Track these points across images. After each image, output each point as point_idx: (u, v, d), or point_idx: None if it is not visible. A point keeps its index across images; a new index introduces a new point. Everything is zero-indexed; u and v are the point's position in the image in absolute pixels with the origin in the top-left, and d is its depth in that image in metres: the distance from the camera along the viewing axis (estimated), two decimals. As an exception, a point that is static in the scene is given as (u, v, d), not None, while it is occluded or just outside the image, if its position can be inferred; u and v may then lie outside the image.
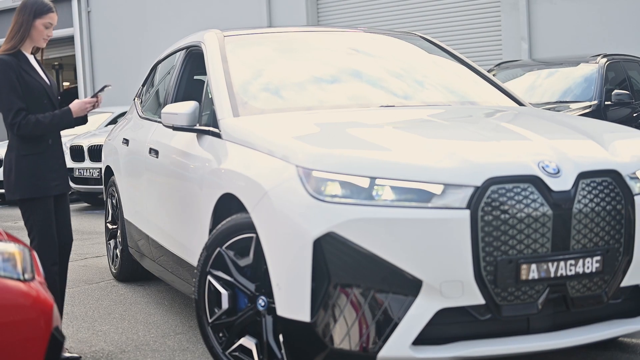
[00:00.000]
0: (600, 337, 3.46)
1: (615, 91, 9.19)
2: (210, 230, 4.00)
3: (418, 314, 3.22)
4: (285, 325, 3.39)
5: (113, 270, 6.60)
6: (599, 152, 3.56)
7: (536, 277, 3.25)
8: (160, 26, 19.05)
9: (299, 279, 3.29)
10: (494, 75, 10.37)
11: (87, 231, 9.86)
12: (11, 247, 3.22)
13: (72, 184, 12.43)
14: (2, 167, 13.44)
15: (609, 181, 3.40)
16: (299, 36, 5.38)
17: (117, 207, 6.36)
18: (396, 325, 3.22)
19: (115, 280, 6.50)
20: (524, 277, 3.23)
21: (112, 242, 6.62)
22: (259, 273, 3.59)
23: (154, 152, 5.24)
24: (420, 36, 5.55)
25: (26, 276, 3.18)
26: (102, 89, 4.61)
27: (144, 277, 6.31)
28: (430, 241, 3.20)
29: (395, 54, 5.29)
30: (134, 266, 6.21)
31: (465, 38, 15.11)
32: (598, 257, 3.34)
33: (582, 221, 3.31)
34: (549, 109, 8.87)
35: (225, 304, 3.70)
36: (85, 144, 12.35)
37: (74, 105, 4.50)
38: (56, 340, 3.21)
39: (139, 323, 5.12)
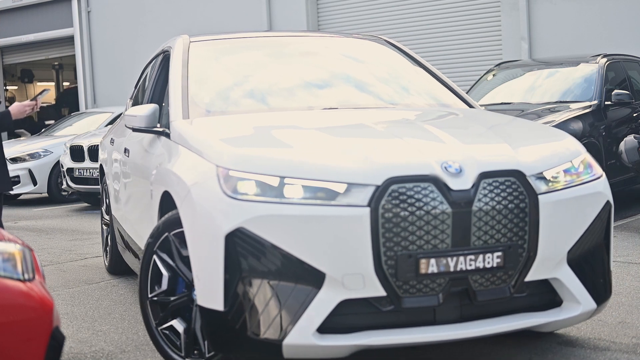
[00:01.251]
0: (504, 328, 3.63)
1: (615, 91, 9.18)
2: None
3: (321, 305, 3.43)
4: (203, 313, 3.63)
5: (105, 263, 6.95)
6: (506, 153, 3.73)
7: (435, 271, 3.45)
8: (160, 26, 19.04)
9: (214, 271, 3.53)
10: (494, 75, 10.38)
11: (87, 231, 9.86)
12: (11, 247, 3.22)
13: (72, 184, 12.43)
14: (2, 167, 13.40)
15: (513, 181, 3.58)
16: (263, 41, 5.64)
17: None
18: (301, 314, 3.43)
19: (115, 280, 6.50)
20: (423, 270, 3.43)
21: (107, 238, 6.97)
22: None
23: (127, 151, 5.64)
24: (385, 40, 5.71)
25: (26, 276, 3.18)
26: (40, 93, 4.81)
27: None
28: (332, 237, 3.41)
29: (353, 58, 5.50)
30: (121, 259, 6.44)
31: (465, 38, 15.11)
32: (499, 253, 3.52)
33: (483, 219, 3.50)
34: (549, 109, 8.88)
35: (164, 285, 3.97)
36: (85, 144, 12.36)
37: (14, 108, 4.62)
38: (56, 340, 3.21)
39: (139, 323, 5.12)
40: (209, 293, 3.57)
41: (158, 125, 4.72)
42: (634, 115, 9.55)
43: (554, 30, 13.90)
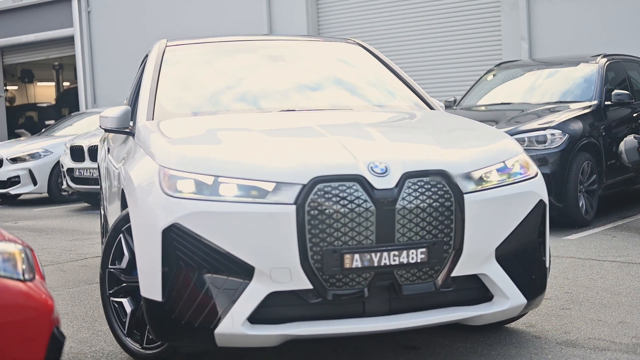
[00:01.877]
0: (432, 321, 3.80)
1: (615, 91, 9.18)
2: None
3: (251, 296, 3.65)
4: (145, 303, 3.87)
5: None
6: (434, 154, 3.92)
7: (360, 265, 3.63)
8: (161, 26, 19.05)
9: (153, 264, 3.79)
10: (494, 75, 10.38)
11: (87, 231, 9.86)
12: (11, 247, 3.22)
13: (72, 184, 12.43)
14: (2, 167, 13.43)
15: (438, 180, 3.75)
16: (237, 45, 5.80)
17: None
18: (232, 305, 3.65)
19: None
20: (347, 265, 3.61)
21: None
22: None
23: (109, 151, 6.05)
24: (359, 43, 5.86)
25: (26, 276, 3.18)
26: None
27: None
28: (261, 233, 3.63)
29: (321, 61, 5.69)
30: None
31: (465, 38, 15.11)
32: (423, 249, 3.70)
33: (407, 216, 3.68)
34: (549, 109, 8.88)
35: (124, 264, 4.24)
36: (85, 144, 12.36)
37: None
38: (56, 340, 3.21)
39: (139, 323, 5.12)
40: (149, 284, 3.81)
41: (131, 126, 4.94)
42: (634, 115, 9.55)
43: (554, 30, 13.90)
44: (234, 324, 3.66)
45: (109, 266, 4.29)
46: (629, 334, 4.56)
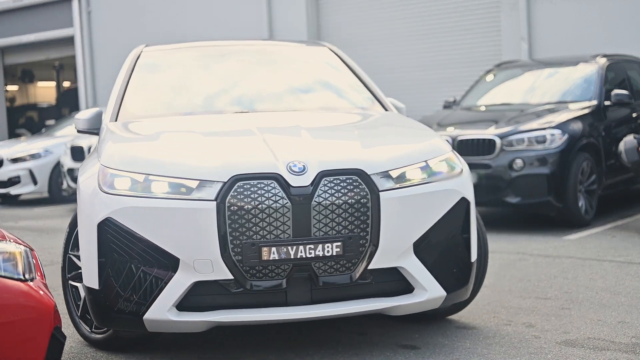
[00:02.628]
0: (350, 311, 4.06)
1: (615, 91, 9.18)
2: None
3: (176, 285, 3.96)
4: (86, 291, 4.22)
5: None
6: (354, 154, 4.18)
7: (277, 257, 3.90)
8: (161, 26, 19.05)
9: (91, 255, 4.14)
10: (493, 75, 10.38)
11: (88, 231, 9.84)
12: (12, 247, 3.23)
13: (72, 184, 12.44)
14: (2, 167, 13.44)
15: (354, 179, 4.01)
16: (210, 50, 6.07)
17: None
18: (159, 294, 3.97)
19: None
20: (265, 257, 3.89)
21: None
22: None
23: (90, 150, 6.19)
24: (328, 47, 6.04)
25: (27, 276, 3.19)
26: None
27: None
28: (185, 227, 3.94)
29: (287, 65, 5.93)
30: None
31: (465, 38, 15.11)
32: (338, 243, 3.95)
33: (322, 212, 3.94)
34: (548, 109, 8.89)
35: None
36: (85, 144, 12.35)
37: None
38: (56, 340, 3.21)
39: (139, 323, 5.13)
40: (88, 273, 4.17)
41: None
42: (634, 115, 9.55)
43: (553, 30, 13.90)
44: (161, 310, 3.97)
45: (69, 252, 4.65)
46: (628, 333, 4.56)
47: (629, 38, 13.07)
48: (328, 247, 3.94)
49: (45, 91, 26.09)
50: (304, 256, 3.92)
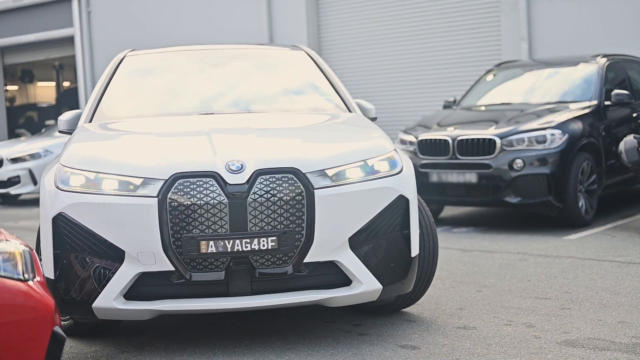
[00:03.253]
0: (288, 301, 4.31)
1: (615, 91, 9.18)
2: None
3: (122, 276, 4.26)
4: (47, 281, 4.21)
5: None
6: (292, 153, 4.42)
7: (214, 250, 4.17)
8: (161, 26, 19.05)
9: (47, 247, 4.45)
10: (493, 75, 10.37)
11: (87, 231, 9.84)
12: (11, 247, 3.22)
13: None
14: (2, 167, 13.44)
15: (290, 177, 4.26)
16: (189, 55, 6.24)
17: None
18: (106, 283, 4.27)
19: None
20: (203, 250, 4.16)
21: None
22: None
23: None
24: (306, 51, 6.19)
25: (26, 276, 3.18)
26: None
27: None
28: (130, 221, 4.23)
29: (261, 67, 6.15)
30: None
31: (465, 38, 15.10)
32: (274, 238, 4.20)
33: (258, 208, 4.20)
34: (548, 109, 8.88)
35: None
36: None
37: None
38: (56, 340, 3.21)
39: (139, 323, 5.12)
40: (46, 264, 4.44)
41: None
42: (634, 115, 9.55)
43: (553, 30, 13.89)
44: (108, 299, 4.27)
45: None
46: (628, 333, 4.56)
47: (629, 38, 13.06)
48: (263, 241, 4.19)
49: (45, 91, 26.07)
50: (240, 249, 4.18)
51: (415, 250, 4.63)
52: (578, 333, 4.61)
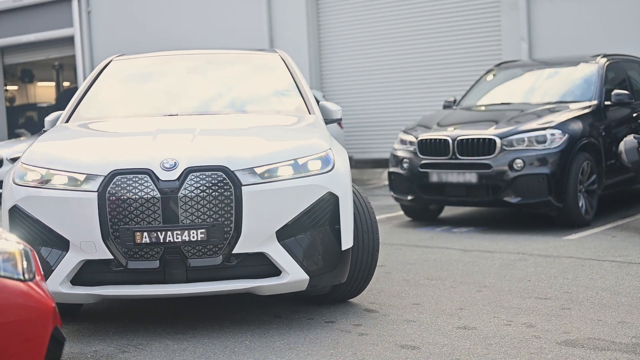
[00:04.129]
0: (220, 289, 4.65)
1: (615, 91, 9.18)
2: None
3: (67, 263, 4.67)
4: None
5: None
6: (223, 152, 4.74)
7: (148, 241, 4.54)
8: (161, 26, 19.05)
9: None
10: (493, 75, 10.37)
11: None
12: (11, 247, 3.22)
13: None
14: (2, 167, 13.44)
15: (219, 174, 4.61)
16: (170, 59, 6.69)
17: None
18: (54, 269, 4.66)
19: (115, 280, 6.51)
20: (138, 240, 4.54)
21: None
22: None
23: None
24: (280, 55, 6.50)
25: (26, 276, 3.18)
26: None
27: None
28: (73, 214, 4.64)
29: (233, 71, 6.52)
30: None
31: (465, 38, 15.10)
32: (203, 230, 4.54)
33: (188, 203, 4.55)
34: (548, 109, 8.88)
35: None
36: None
37: None
38: (56, 340, 3.21)
39: (139, 323, 5.13)
40: None
41: None
42: (634, 115, 9.54)
43: (554, 30, 13.89)
44: (55, 284, 4.63)
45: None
46: (629, 334, 4.56)
47: (629, 38, 13.06)
48: (193, 233, 4.54)
49: (44, 91, 26.06)
50: (172, 240, 4.54)
51: (347, 244, 4.91)
52: (578, 333, 4.60)
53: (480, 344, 4.45)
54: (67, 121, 5.86)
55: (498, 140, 8.24)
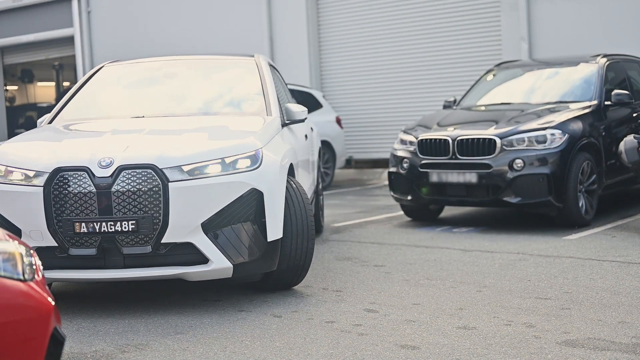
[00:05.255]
0: (151, 274, 5.20)
1: (615, 91, 9.17)
2: None
3: None
4: None
5: None
6: (154, 151, 5.26)
7: (86, 231, 5.13)
8: (161, 26, 19.04)
9: None
10: (494, 75, 10.37)
11: (87, 231, 9.84)
12: (11, 247, 3.22)
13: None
14: None
15: (149, 172, 5.14)
16: (157, 65, 7.32)
17: None
18: None
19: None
20: (77, 230, 5.13)
21: None
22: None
23: None
24: (255, 60, 7.08)
25: (26, 276, 3.18)
26: None
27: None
28: (24, 205, 5.24)
29: (208, 76, 7.11)
30: None
31: (465, 38, 15.11)
32: (133, 221, 5.10)
33: (121, 197, 5.11)
34: (548, 109, 8.88)
35: None
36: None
37: None
38: (56, 340, 3.21)
39: (139, 323, 5.13)
40: None
41: None
42: (634, 115, 9.54)
43: (554, 30, 13.90)
44: None
45: None
46: (629, 334, 4.56)
47: (629, 38, 13.07)
48: (125, 224, 5.10)
49: (44, 91, 26.08)
50: (107, 230, 5.11)
51: (273, 235, 5.38)
52: (578, 333, 4.60)
53: (480, 344, 4.45)
54: (50, 122, 6.55)
55: (498, 140, 8.24)
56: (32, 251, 3.36)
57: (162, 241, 5.15)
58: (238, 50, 17.22)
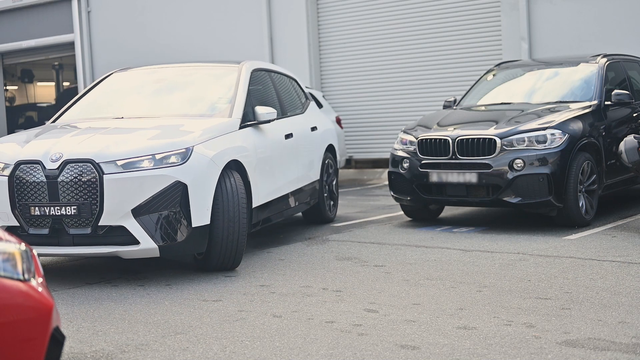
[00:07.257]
0: (90, 251, 6.16)
1: (615, 91, 9.17)
2: None
3: None
4: None
5: None
6: (93, 148, 6.18)
7: (39, 214, 6.16)
8: (161, 26, 19.03)
9: None
10: (494, 75, 10.36)
11: (87, 231, 9.83)
12: (11, 247, 3.22)
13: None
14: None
15: (89, 165, 6.09)
16: (151, 71, 8.23)
17: None
18: None
19: (115, 280, 6.50)
20: (32, 213, 6.17)
21: None
22: None
23: None
24: (237, 67, 7.82)
25: (26, 276, 3.18)
26: None
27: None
28: None
29: (193, 81, 7.95)
30: None
31: (465, 38, 15.10)
32: (75, 207, 6.08)
33: (65, 186, 6.09)
34: (549, 109, 8.88)
35: None
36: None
37: None
38: (56, 340, 3.21)
39: (139, 323, 5.12)
40: None
41: None
42: (634, 115, 9.54)
43: (554, 30, 13.90)
44: None
45: None
46: (629, 334, 4.56)
47: (629, 38, 13.06)
48: (68, 209, 6.08)
49: (44, 91, 26.06)
50: (55, 214, 6.11)
51: (198, 222, 6.21)
52: (578, 333, 4.60)
53: (480, 344, 4.45)
54: (54, 122, 7.62)
55: (498, 140, 8.24)
56: (31, 251, 3.35)
57: (100, 224, 6.07)
58: (238, 50, 17.21)
